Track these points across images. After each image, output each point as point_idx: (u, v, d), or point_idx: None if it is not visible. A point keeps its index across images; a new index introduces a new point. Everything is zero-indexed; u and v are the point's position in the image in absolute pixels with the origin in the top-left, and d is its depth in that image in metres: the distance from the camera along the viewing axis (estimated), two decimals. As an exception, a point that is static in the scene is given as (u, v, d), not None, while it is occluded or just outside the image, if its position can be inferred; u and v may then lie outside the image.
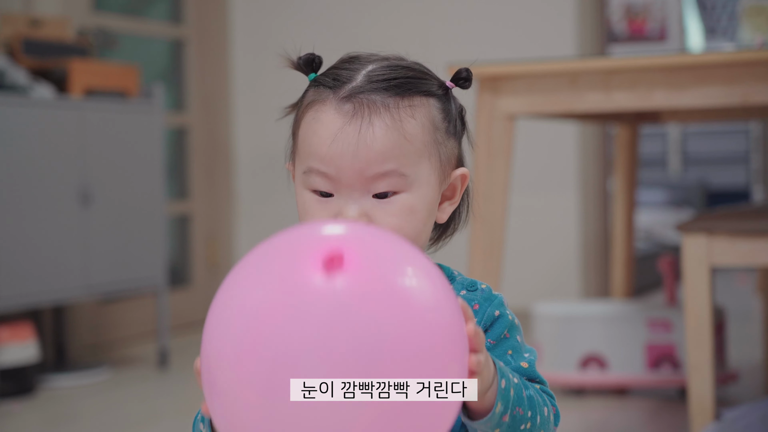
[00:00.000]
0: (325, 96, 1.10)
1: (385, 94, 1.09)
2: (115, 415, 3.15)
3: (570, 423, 2.95)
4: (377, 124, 1.07)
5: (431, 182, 1.10)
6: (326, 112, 1.09)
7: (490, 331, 1.10)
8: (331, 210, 1.08)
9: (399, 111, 1.08)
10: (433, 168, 1.10)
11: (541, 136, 4.23)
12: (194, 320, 4.59)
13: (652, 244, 6.20)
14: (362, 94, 1.08)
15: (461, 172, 1.14)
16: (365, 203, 1.07)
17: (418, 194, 1.09)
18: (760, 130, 7.59)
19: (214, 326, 0.92)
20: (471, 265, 2.37)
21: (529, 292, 4.13)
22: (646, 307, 3.19)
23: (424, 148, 1.09)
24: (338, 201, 1.08)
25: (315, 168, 1.08)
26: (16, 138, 3.25)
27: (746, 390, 3.20)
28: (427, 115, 1.10)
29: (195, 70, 4.65)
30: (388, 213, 1.07)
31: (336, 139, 1.07)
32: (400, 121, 1.08)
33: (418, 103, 1.10)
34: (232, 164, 4.78)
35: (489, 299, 1.11)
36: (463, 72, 1.16)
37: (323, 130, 1.08)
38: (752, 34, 2.54)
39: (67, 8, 3.93)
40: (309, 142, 1.09)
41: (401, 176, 1.07)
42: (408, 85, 1.10)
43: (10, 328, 3.29)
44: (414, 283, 0.91)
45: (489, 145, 2.36)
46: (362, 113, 1.07)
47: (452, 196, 1.15)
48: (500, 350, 1.10)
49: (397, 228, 1.07)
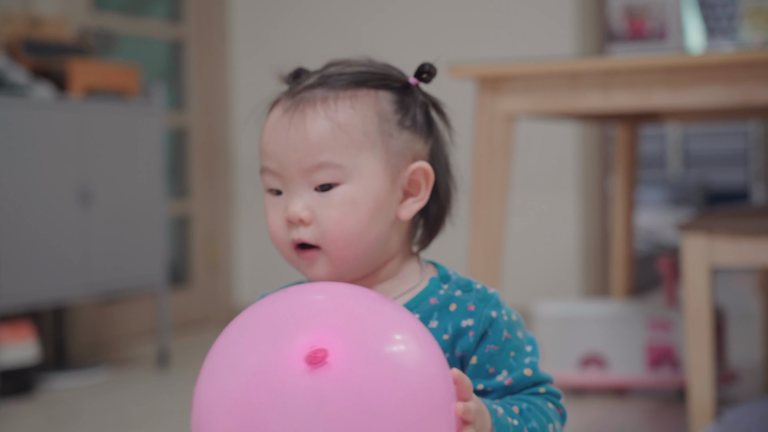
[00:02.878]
0: (279, 99, 1.13)
1: (328, 88, 1.10)
2: (115, 415, 3.15)
3: (570, 423, 2.95)
4: (309, 115, 1.08)
5: (376, 174, 1.08)
6: (274, 111, 1.12)
7: (491, 335, 1.10)
8: (280, 207, 1.10)
9: (336, 102, 1.08)
10: (378, 160, 1.09)
11: (541, 136, 4.23)
12: (194, 320, 4.59)
13: (652, 244, 6.20)
14: (306, 91, 1.10)
15: (418, 165, 1.11)
16: (308, 197, 1.08)
17: (359, 186, 1.08)
18: (760, 130, 7.59)
19: (200, 417, 0.95)
20: (471, 265, 2.37)
21: (529, 292, 4.13)
22: (646, 307, 3.19)
23: (364, 139, 1.08)
24: (285, 198, 1.10)
25: (264, 166, 1.11)
26: (16, 138, 3.25)
27: (746, 390, 3.20)
28: (372, 106, 1.10)
29: (195, 70, 4.65)
30: (329, 206, 1.07)
31: (274, 133, 1.09)
32: (335, 112, 1.08)
33: (361, 95, 1.10)
34: (232, 164, 4.77)
35: (485, 300, 1.11)
36: (426, 66, 1.14)
37: (269, 128, 1.11)
38: (752, 34, 2.54)
39: (67, 8, 3.93)
40: (261, 141, 1.12)
41: (337, 167, 1.07)
42: (355, 80, 1.11)
43: (10, 328, 3.29)
44: (400, 376, 0.92)
45: (489, 145, 2.36)
46: (296, 107, 1.09)
47: (416, 193, 1.12)
48: (504, 354, 1.10)
49: (338, 221, 1.07)
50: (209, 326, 4.62)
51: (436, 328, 1.09)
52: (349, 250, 1.08)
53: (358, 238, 1.08)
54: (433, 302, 1.11)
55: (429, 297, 1.11)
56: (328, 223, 1.07)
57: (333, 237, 1.07)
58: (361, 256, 1.09)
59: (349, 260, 1.09)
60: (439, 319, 1.09)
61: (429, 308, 1.10)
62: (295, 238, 1.09)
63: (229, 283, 4.76)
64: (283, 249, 1.11)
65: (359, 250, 1.08)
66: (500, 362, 1.09)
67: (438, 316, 1.10)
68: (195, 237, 4.66)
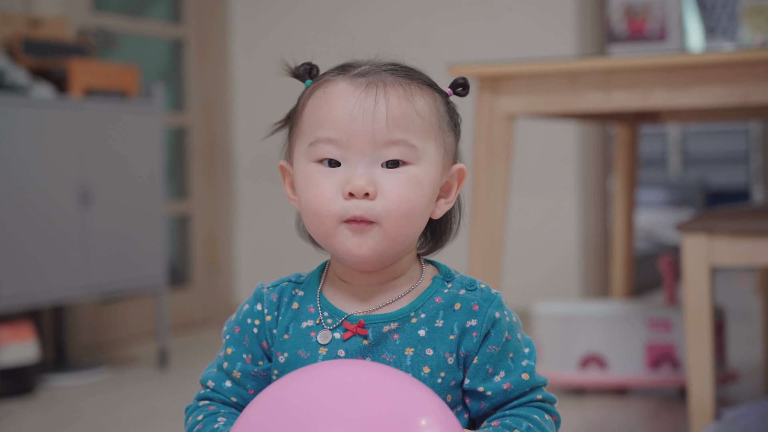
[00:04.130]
0: (334, 77, 1.11)
1: (395, 75, 1.11)
2: (115, 415, 3.15)
3: (570, 423, 2.95)
4: (392, 93, 1.08)
5: (437, 163, 1.10)
6: (338, 85, 1.10)
7: (493, 335, 1.10)
8: (338, 180, 1.07)
9: (411, 88, 1.10)
10: (437, 151, 1.11)
11: (541, 136, 4.23)
12: (194, 320, 4.59)
13: (652, 244, 6.20)
14: (373, 74, 1.10)
15: (460, 166, 1.14)
16: (374, 172, 1.07)
17: (425, 169, 1.09)
18: (760, 130, 7.58)
19: None
20: (471, 265, 2.37)
21: (529, 292, 4.13)
22: (646, 307, 3.19)
23: (431, 128, 1.10)
24: (346, 170, 1.07)
25: (324, 136, 1.08)
26: (16, 138, 3.25)
27: (746, 390, 3.20)
28: (434, 102, 1.12)
29: (195, 70, 4.65)
30: (397, 182, 1.07)
31: (351, 105, 1.07)
32: (411, 95, 1.09)
33: (427, 90, 1.12)
34: (232, 164, 4.77)
35: (488, 299, 1.11)
36: (460, 80, 1.17)
37: (336, 99, 1.09)
38: (752, 34, 2.54)
39: (67, 8, 3.93)
40: (319, 112, 1.09)
41: (411, 147, 1.08)
42: (414, 74, 1.13)
43: (10, 328, 3.29)
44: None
45: (489, 145, 2.36)
46: (377, 84, 1.09)
47: (447, 195, 1.14)
48: (503, 355, 1.10)
49: (405, 198, 1.07)
50: (209, 326, 4.62)
51: (442, 327, 1.09)
52: (407, 229, 1.08)
53: (416, 218, 1.08)
54: (438, 301, 1.11)
55: (434, 296, 1.11)
56: (395, 198, 1.06)
57: (398, 213, 1.06)
58: (410, 239, 1.10)
59: (400, 239, 1.08)
60: (445, 318, 1.10)
61: (435, 307, 1.10)
62: (356, 215, 1.06)
63: (229, 283, 4.76)
64: (325, 222, 1.08)
65: (412, 232, 1.09)
66: (499, 363, 1.10)
67: (443, 315, 1.10)
68: (195, 237, 4.66)
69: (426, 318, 1.09)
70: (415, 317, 1.10)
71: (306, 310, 1.13)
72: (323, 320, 1.11)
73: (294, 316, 1.13)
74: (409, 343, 1.09)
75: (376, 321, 1.10)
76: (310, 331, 1.11)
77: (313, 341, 1.10)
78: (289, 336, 1.12)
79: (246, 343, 1.14)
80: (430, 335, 1.09)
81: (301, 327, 1.12)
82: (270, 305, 1.15)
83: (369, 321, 1.10)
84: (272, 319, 1.14)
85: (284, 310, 1.14)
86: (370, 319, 1.10)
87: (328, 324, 1.11)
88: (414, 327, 1.09)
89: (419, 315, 1.10)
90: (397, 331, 1.09)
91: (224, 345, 1.16)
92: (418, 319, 1.09)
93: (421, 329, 1.09)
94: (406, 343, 1.09)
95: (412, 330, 1.09)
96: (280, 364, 1.12)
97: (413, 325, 1.09)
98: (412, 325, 1.09)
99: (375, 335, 1.09)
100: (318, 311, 1.12)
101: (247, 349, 1.14)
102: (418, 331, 1.09)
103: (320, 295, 1.14)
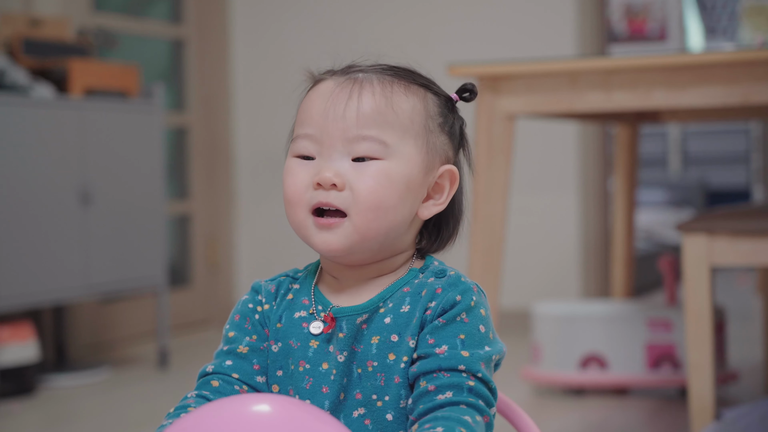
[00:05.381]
0: (325, 78, 1.15)
1: (384, 74, 1.14)
2: (115, 415, 3.15)
3: (570, 423, 2.95)
4: (367, 89, 1.11)
5: (413, 161, 1.11)
6: (325, 84, 1.14)
7: (446, 312, 1.08)
8: (310, 171, 1.11)
9: (392, 86, 1.12)
10: (417, 149, 1.12)
11: (541, 136, 4.23)
12: (194, 320, 4.59)
13: (652, 244, 6.20)
14: (361, 73, 1.13)
15: (449, 167, 1.14)
16: (342, 165, 1.10)
17: (397, 165, 1.10)
18: (760, 130, 7.59)
19: None
20: (471, 265, 2.37)
21: (529, 292, 4.13)
22: (646, 307, 3.19)
23: (411, 126, 1.12)
24: (318, 163, 1.11)
25: (303, 132, 1.12)
26: (16, 138, 3.25)
27: (746, 390, 3.20)
28: (422, 100, 1.14)
29: (195, 70, 4.65)
30: (364, 174, 1.09)
31: (322, 101, 1.11)
32: (390, 93, 1.12)
33: (414, 88, 1.14)
34: (232, 164, 4.78)
35: (454, 285, 1.10)
36: (468, 85, 1.18)
37: (316, 97, 1.13)
38: (752, 34, 2.54)
39: (67, 8, 3.93)
40: (303, 110, 1.14)
41: (381, 143, 1.10)
42: (408, 75, 1.15)
43: (10, 328, 3.29)
44: None
45: (489, 145, 2.36)
46: (354, 81, 1.12)
47: (438, 196, 1.14)
48: (449, 331, 1.07)
49: (373, 190, 1.08)
50: (209, 326, 4.62)
51: (407, 313, 1.10)
52: (375, 222, 1.09)
53: (386, 212, 1.09)
54: (407, 290, 1.12)
55: (403, 286, 1.12)
56: (362, 190, 1.08)
57: (365, 205, 1.08)
58: (382, 235, 1.10)
59: (370, 234, 1.09)
60: (411, 303, 1.10)
61: (402, 295, 1.11)
62: (322, 201, 1.09)
63: (229, 283, 4.76)
64: (297, 213, 1.11)
65: (382, 227, 1.10)
66: (443, 337, 1.07)
67: (410, 301, 1.11)
68: (195, 237, 4.66)
69: (393, 306, 1.11)
70: (383, 307, 1.11)
71: (300, 302, 1.15)
72: (316, 312, 1.13)
73: (288, 306, 1.15)
74: (376, 331, 1.10)
75: (349, 314, 1.11)
76: (302, 321, 1.13)
77: (305, 332, 1.13)
78: (282, 325, 1.14)
79: (248, 326, 1.16)
80: (395, 321, 1.10)
81: (293, 317, 1.14)
82: (268, 295, 1.17)
83: (341, 314, 1.11)
84: (270, 308, 1.16)
85: (280, 300, 1.16)
86: (342, 312, 1.11)
87: (320, 316, 1.12)
88: (381, 316, 1.11)
89: (387, 305, 1.11)
90: (366, 322, 1.11)
91: (224, 334, 1.17)
92: (386, 309, 1.11)
93: (387, 317, 1.10)
94: (372, 332, 1.10)
95: (379, 319, 1.11)
96: (273, 353, 1.14)
97: (380, 315, 1.11)
98: (379, 315, 1.11)
99: (350, 328, 1.11)
100: (311, 302, 1.14)
101: (250, 331, 1.16)
102: (384, 319, 1.10)
103: (315, 288, 1.15)
